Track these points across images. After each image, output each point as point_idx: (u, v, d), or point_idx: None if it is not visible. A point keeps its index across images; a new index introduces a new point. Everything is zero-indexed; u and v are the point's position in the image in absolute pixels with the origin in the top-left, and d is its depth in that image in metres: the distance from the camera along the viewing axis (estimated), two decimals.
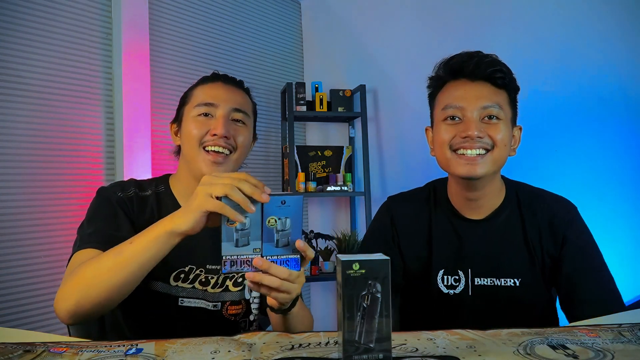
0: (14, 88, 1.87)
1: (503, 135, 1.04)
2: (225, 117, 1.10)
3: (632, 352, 0.69)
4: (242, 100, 1.15)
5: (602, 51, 1.99)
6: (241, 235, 0.80)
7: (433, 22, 2.63)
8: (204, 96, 1.12)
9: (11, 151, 1.86)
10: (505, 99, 1.07)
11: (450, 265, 1.11)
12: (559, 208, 1.12)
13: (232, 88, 1.16)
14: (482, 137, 1.03)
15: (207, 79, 1.18)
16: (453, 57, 1.11)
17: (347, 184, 2.89)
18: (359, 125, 2.95)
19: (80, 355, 0.71)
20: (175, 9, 2.51)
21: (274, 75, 3.07)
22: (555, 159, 2.12)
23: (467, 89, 1.06)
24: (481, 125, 1.03)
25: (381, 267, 0.65)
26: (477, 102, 1.04)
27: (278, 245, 0.81)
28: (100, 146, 2.14)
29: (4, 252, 1.81)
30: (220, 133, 1.07)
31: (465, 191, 1.10)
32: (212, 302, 1.12)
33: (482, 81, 1.06)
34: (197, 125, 1.09)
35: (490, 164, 1.04)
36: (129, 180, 1.17)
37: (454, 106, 1.05)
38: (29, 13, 1.93)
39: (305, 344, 0.76)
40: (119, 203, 1.08)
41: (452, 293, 1.10)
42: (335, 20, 3.14)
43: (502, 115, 1.04)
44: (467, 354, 0.69)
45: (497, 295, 1.08)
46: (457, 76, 1.09)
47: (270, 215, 0.80)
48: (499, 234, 1.10)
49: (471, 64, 1.06)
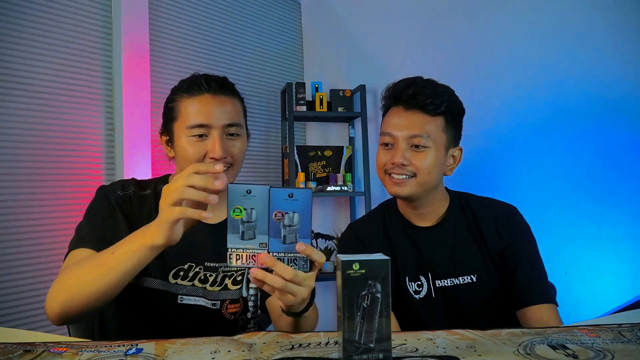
0: (14, 88, 1.87)
1: (427, 163, 1.14)
2: (220, 137, 1.07)
3: (632, 352, 0.69)
4: (233, 111, 1.11)
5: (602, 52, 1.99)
6: (247, 228, 0.77)
7: (433, 22, 2.62)
8: (195, 116, 1.07)
9: (11, 151, 1.86)
10: (439, 125, 1.15)
11: (413, 272, 1.19)
12: (500, 210, 1.22)
13: (221, 99, 1.10)
14: (406, 165, 1.14)
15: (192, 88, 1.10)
16: (398, 82, 1.20)
17: (347, 184, 2.89)
18: (359, 125, 2.95)
19: (80, 355, 0.71)
20: (175, 9, 2.51)
21: (274, 75, 3.07)
22: (555, 159, 2.12)
23: (400, 117, 1.16)
24: (408, 152, 1.14)
25: (381, 267, 0.65)
26: (407, 131, 1.14)
27: (285, 242, 0.77)
28: (100, 146, 2.14)
29: (4, 252, 1.81)
30: (219, 156, 1.06)
31: (407, 203, 1.21)
32: (212, 300, 1.12)
33: (415, 110, 1.15)
34: (193, 149, 1.07)
35: (415, 187, 1.15)
36: (130, 180, 1.17)
37: (388, 133, 1.17)
38: (29, 13, 1.93)
39: (305, 344, 0.76)
40: (118, 202, 1.09)
41: (419, 297, 1.18)
42: (335, 20, 3.14)
43: (429, 144, 1.14)
44: (467, 354, 0.69)
45: (458, 294, 1.17)
46: (396, 102, 1.18)
47: (276, 208, 0.76)
48: (450, 237, 1.20)
49: (407, 93, 1.15)
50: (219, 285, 1.13)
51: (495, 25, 2.34)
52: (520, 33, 2.24)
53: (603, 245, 1.97)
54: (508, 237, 1.17)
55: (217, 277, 1.13)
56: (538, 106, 2.17)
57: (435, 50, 2.60)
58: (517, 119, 2.24)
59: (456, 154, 1.21)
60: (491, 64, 2.33)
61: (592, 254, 1.99)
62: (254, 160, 2.92)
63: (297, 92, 2.84)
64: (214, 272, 1.12)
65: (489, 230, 1.18)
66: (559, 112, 2.11)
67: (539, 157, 2.17)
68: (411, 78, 1.19)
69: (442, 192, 1.23)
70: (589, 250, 2.00)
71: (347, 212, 3.13)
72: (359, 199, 3.06)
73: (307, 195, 0.76)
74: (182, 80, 1.15)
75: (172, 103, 1.13)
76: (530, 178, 2.19)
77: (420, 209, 1.20)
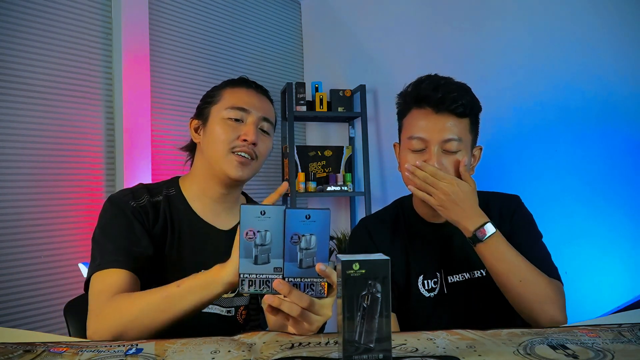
0: (14, 88, 1.87)
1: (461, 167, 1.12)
2: (255, 124, 1.10)
3: (632, 352, 0.69)
4: (269, 110, 1.16)
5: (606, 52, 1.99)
6: (261, 252, 0.73)
7: (433, 22, 2.63)
8: (236, 100, 1.11)
9: (11, 151, 1.86)
10: (467, 126, 1.14)
11: (429, 269, 1.18)
12: (505, 200, 1.23)
13: (262, 97, 1.16)
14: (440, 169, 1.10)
15: (238, 82, 1.17)
16: (420, 84, 1.15)
17: (347, 184, 2.89)
18: (359, 125, 2.95)
19: (80, 355, 0.71)
20: (175, 9, 2.51)
21: (274, 75, 3.07)
22: (556, 160, 2.12)
23: (430, 120, 1.12)
24: (441, 156, 1.11)
25: (381, 267, 0.65)
26: (439, 135, 1.10)
27: (302, 266, 0.74)
28: (101, 146, 2.15)
29: (4, 252, 1.81)
30: (251, 139, 1.07)
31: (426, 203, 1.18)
32: (226, 307, 1.10)
33: (445, 113, 1.12)
34: (228, 129, 1.08)
35: None
36: (139, 187, 1.12)
37: (417, 137, 1.12)
38: (30, 13, 1.93)
39: (305, 344, 0.76)
40: (134, 214, 1.04)
41: (433, 295, 1.16)
42: (335, 20, 3.14)
43: (461, 146, 1.11)
44: (467, 354, 0.69)
45: (470, 288, 1.16)
46: (421, 104, 1.14)
47: (293, 231, 0.73)
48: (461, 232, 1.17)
49: (436, 97, 1.11)
50: (232, 292, 1.11)
51: (496, 24, 2.34)
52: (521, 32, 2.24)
53: (603, 245, 1.97)
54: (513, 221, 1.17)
55: None
56: (539, 105, 2.17)
57: (435, 50, 2.60)
58: (519, 118, 2.24)
59: (476, 153, 1.20)
60: (492, 63, 2.33)
61: (592, 254, 1.99)
62: None
63: (297, 92, 2.84)
64: None
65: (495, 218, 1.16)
66: (558, 112, 2.11)
67: (540, 158, 2.17)
68: (433, 79, 1.15)
69: None
70: (589, 250, 2.00)
71: (347, 212, 3.13)
72: (359, 199, 3.07)
73: (325, 216, 0.73)
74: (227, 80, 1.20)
75: (214, 91, 1.16)
76: (531, 178, 2.19)
77: None
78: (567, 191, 2.09)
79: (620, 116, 1.95)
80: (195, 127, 1.15)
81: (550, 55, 2.13)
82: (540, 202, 2.14)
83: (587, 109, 2.04)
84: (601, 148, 2.00)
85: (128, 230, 1.02)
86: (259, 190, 2.93)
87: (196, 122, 1.16)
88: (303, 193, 2.85)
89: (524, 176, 2.21)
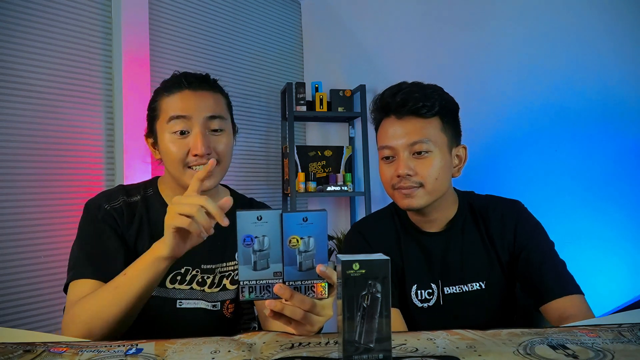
0: (14, 88, 1.87)
1: (433, 169, 1.09)
2: (202, 132, 1.04)
3: (632, 352, 0.69)
4: (214, 104, 1.08)
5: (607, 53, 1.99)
6: (259, 257, 0.73)
7: (433, 22, 2.62)
8: (173, 108, 1.05)
9: (11, 151, 1.86)
10: (437, 126, 1.11)
11: (424, 279, 1.16)
12: (506, 207, 1.19)
13: (201, 93, 1.07)
14: (412, 175, 1.09)
15: (171, 86, 1.09)
16: (383, 93, 1.15)
17: (347, 184, 2.89)
18: (359, 125, 2.95)
19: (80, 355, 0.71)
20: (175, 9, 2.51)
21: (274, 75, 3.07)
22: (556, 159, 2.12)
23: (395, 127, 1.11)
24: (411, 161, 1.10)
25: (381, 267, 0.65)
26: (405, 140, 1.09)
27: (302, 269, 0.73)
28: (101, 146, 2.14)
29: (4, 252, 1.81)
30: (201, 152, 1.03)
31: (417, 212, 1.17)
32: (212, 302, 1.11)
33: (409, 116, 1.10)
34: (176, 147, 1.05)
35: (425, 197, 1.10)
36: (117, 188, 1.14)
37: (386, 146, 1.12)
38: (29, 13, 1.93)
39: (305, 344, 0.76)
40: (105, 219, 1.06)
41: (427, 306, 1.14)
42: (335, 20, 3.14)
43: (431, 148, 1.10)
44: (467, 354, 0.69)
45: (465, 301, 1.14)
46: (387, 113, 1.14)
47: (290, 234, 0.72)
48: (459, 242, 1.16)
49: (395, 102, 1.11)
50: (217, 287, 1.12)
51: (496, 25, 2.34)
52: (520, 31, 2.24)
53: (603, 245, 1.97)
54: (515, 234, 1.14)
55: (214, 279, 1.12)
56: (540, 106, 2.17)
57: (435, 50, 2.60)
58: (519, 118, 2.24)
59: (460, 153, 1.17)
60: (492, 63, 2.34)
61: (592, 254, 1.99)
62: (254, 160, 2.92)
63: (297, 92, 2.84)
64: (211, 273, 1.12)
65: (497, 232, 1.15)
66: (558, 112, 2.11)
67: (540, 158, 2.17)
68: (395, 85, 1.15)
69: (451, 196, 1.19)
70: (589, 250, 2.00)
71: (347, 212, 3.13)
72: (359, 199, 3.07)
73: (322, 217, 0.72)
74: (163, 80, 1.13)
75: (154, 104, 1.11)
76: (531, 178, 2.19)
77: (430, 215, 1.16)
78: (567, 191, 2.09)
79: (620, 116, 1.95)
80: (152, 144, 1.14)
81: (549, 55, 2.13)
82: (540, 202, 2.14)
83: (586, 109, 2.04)
84: (601, 148, 2.00)
85: (97, 237, 1.05)
86: (259, 190, 2.93)
87: (151, 139, 1.14)
88: (303, 193, 2.85)
89: (523, 176, 2.21)
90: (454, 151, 1.15)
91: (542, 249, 1.13)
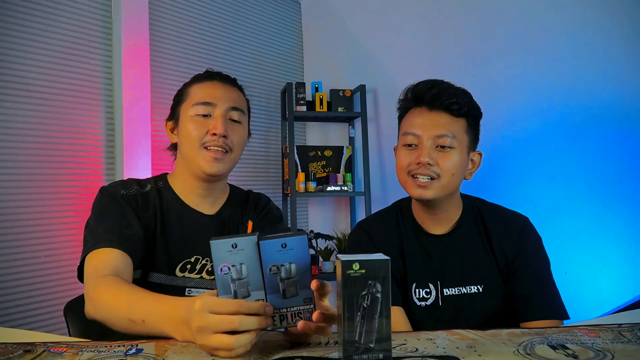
0: (14, 88, 1.87)
1: (452, 163, 1.12)
2: (223, 116, 1.11)
3: (632, 352, 0.69)
4: (238, 99, 1.16)
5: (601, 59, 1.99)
6: (239, 286, 0.69)
7: (433, 22, 2.62)
8: (201, 95, 1.13)
9: (11, 151, 1.86)
10: (462, 126, 1.14)
11: (422, 279, 1.18)
12: (511, 219, 1.21)
13: (228, 86, 1.17)
14: (432, 165, 1.11)
15: (203, 77, 1.18)
16: (418, 84, 1.18)
17: (347, 184, 2.89)
18: (359, 125, 2.95)
19: (80, 355, 0.71)
20: (175, 9, 2.51)
21: (274, 75, 3.07)
22: (556, 161, 2.12)
23: (425, 117, 1.14)
24: (434, 152, 1.12)
25: (381, 267, 0.65)
26: (432, 131, 1.12)
27: (286, 296, 0.70)
28: (101, 146, 2.15)
29: (4, 252, 1.81)
30: (220, 132, 1.08)
31: (424, 208, 1.19)
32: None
33: (440, 110, 1.13)
34: (196, 126, 1.10)
35: (438, 190, 1.12)
36: (129, 179, 1.18)
37: (411, 133, 1.14)
38: (30, 13, 1.93)
39: (305, 344, 0.76)
40: (125, 200, 1.09)
41: (424, 305, 1.16)
42: (335, 20, 3.14)
43: (455, 144, 1.12)
44: (467, 354, 0.69)
45: (463, 303, 1.16)
46: (419, 103, 1.16)
47: (270, 263, 0.69)
48: (461, 246, 1.19)
49: (430, 94, 1.13)
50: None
51: (497, 26, 2.34)
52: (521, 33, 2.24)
53: (603, 245, 1.97)
54: (517, 250, 1.16)
55: None
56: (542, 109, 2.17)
57: (435, 50, 2.60)
58: (520, 121, 2.24)
59: (475, 158, 1.20)
60: (492, 64, 2.33)
61: (592, 254, 1.99)
62: (254, 160, 2.92)
63: (297, 92, 2.84)
64: None
65: (498, 242, 1.17)
66: (558, 114, 2.11)
67: (541, 159, 2.17)
68: (431, 80, 1.17)
69: (458, 198, 1.21)
70: (590, 250, 2.00)
71: (347, 212, 3.13)
72: (359, 199, 3.07)
73: (301, 242, 0.69)
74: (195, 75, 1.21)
75: (182, 90, 1.19)
76: (531, 179, 2.20)
77: (437, 213, 1.18)
78: (567, 191, 2.09)
79: (620, 118, 1.95)
80: (171, 128, 1.19)
81: (550, 58, 2.13)
82: (540, 202, 2.14)
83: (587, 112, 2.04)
84: (601, 149, 2.00)
85: (119, 214, 1.06)
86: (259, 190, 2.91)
87: (170, 123, 1.20)
88: (303, 193, 2.85)
89: (523, 176, 2.21)
90: (471, 155, 1.18)
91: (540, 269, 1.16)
